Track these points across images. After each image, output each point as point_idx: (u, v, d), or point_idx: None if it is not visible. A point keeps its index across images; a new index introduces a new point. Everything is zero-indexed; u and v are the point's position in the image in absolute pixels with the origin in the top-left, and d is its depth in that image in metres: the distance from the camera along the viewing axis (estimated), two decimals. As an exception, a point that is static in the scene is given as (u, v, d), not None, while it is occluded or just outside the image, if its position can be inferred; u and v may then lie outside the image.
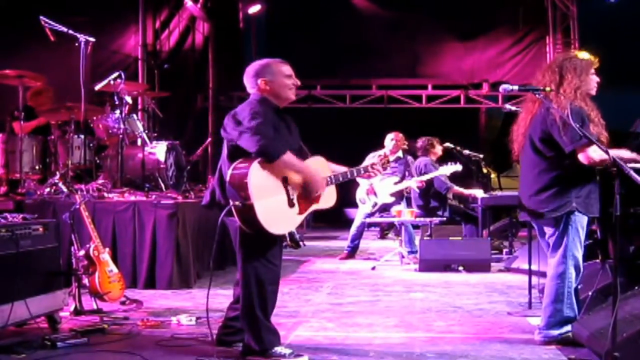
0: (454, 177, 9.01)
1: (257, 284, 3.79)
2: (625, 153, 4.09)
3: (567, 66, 4.15)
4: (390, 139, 8.82)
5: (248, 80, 4.01)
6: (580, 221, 4.12)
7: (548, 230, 4.22)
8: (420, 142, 8.97)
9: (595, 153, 3.87)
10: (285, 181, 3.81)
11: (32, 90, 7.63)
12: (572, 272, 4.14)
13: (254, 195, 3.62)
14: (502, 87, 3.99)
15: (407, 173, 8.81)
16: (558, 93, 4.06)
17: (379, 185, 8.68)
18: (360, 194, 8.79)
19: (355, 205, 8.95)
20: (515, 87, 4.01)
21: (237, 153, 3.78)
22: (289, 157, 3.77)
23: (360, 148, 9.13)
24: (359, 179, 8.72)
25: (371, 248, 9.97)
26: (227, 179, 3.74)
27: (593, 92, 4.18)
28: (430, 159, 8.83)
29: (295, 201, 3.85)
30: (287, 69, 4.01)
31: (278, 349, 3.83)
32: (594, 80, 4.19)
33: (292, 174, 3.82)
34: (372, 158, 8.77)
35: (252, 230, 3.70)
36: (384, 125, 9.36)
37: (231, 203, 3.68)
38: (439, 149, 8.95)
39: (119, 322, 4.83)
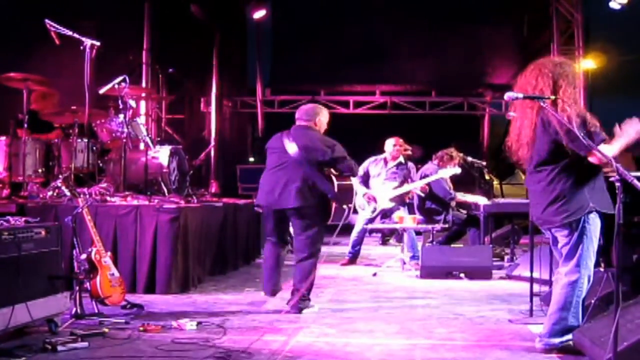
0: (457, 183, 8.99)
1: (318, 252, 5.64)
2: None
3: (559, 72, 4.10)
4: (390, 144, 8.79)
5: (313, 116, 5.72)
6: (595, 230, 4.07)
7: (562, 239, 4.16)
8: (439, 153, 8.89)
9: (605, 150, 3.79)
10: None
11: (38, 93, 7.62)
12: (584, 281, 4.10)
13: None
14: (507, 95, 3.97)
15: (408, 179, 8.75)
16: (556, 100, 4.03)
17: (378, 190, 8.65)
18: (359, 200, 8.73)
19: (356, 211, 8.92)
20: (520, 95, 3.98)
21: (321, 168, 5.54)
22: None
23: (363, 153, 9.15)
24: (355, 186, 8.70)
25: (372, 254, 9.95)
26: (336, 188, 5.55)
27: None
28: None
29: None
30: None
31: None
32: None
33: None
34: (372, 162, 8.85)
35: (329, 221, 5.64)
36: (386, 131, 9.35)
37: (337, 206, 5.61)
38: (456, 161, 8.83)
39: (120, 327, 4.83)
